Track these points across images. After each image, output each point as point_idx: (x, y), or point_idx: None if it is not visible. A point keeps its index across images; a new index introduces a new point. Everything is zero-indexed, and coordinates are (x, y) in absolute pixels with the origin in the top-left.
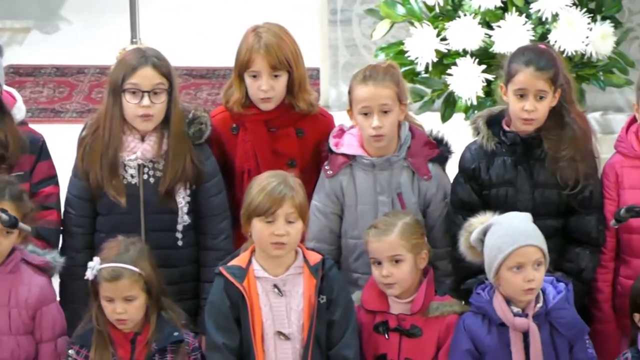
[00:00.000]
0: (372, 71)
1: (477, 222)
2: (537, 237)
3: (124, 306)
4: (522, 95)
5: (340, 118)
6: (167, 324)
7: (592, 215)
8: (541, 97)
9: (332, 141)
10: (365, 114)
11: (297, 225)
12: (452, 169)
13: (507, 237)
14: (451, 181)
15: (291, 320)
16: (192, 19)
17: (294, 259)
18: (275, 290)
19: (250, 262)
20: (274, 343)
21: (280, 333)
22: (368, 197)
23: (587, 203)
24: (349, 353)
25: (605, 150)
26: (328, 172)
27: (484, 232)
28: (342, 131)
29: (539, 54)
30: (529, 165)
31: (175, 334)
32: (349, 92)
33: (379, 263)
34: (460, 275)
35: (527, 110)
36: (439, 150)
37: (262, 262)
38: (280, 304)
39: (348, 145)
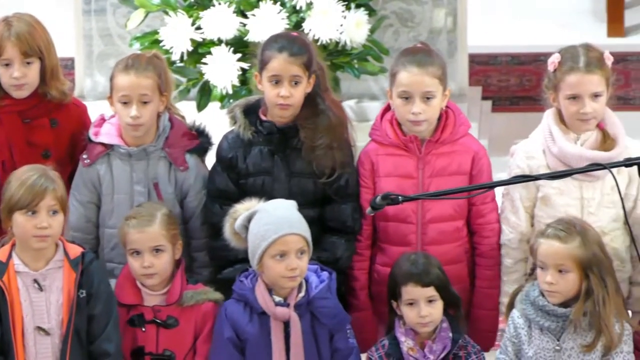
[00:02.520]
0: (135, 60)
1: (242, 208)
2: (301, 226)
3: None
4: (277, 81)
5: (95, 108)
6: None
7: (347, 204)
8: (296, 83)
9: (92, 130)
10: (125, 103)
11: (59, 218)
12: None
13: (271, 224)
14: None
15: (51, 315)
16: None
17: (54, 253)
18: (35, 285)
19: (10, 256)
20: (33, 338)
21: (39, 328)
22: (124, 186)
23: (342, 191)
24: (110, 347)
25: (360, 138)
26: (85, 161)
27: (249, 219)
28: (102, 120)
29: (291, 40)
30: (285, 155)
31: None
32: (111, 80)
33: (138, 253)
34: (217, 266)
35: (282, 96)
36: (199, 141)
37: (22, 256)
38: (40, 298)
39: (106, 134)
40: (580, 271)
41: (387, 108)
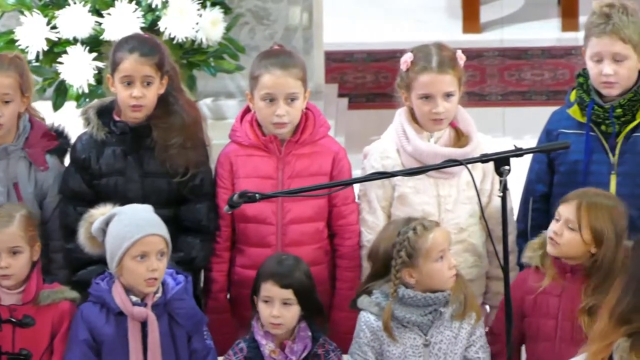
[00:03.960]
0: None
1: (98, 212)
2: (161, 228)
3: None
4: (129, 82)
5: None
6: None
7: (202, 203)
8: (148, 83)
9: None
10: None
11: None
12: None
13: (132, 225)
14: None
15: None
16: None
17: None
18: None
19: None
20: None
21: None
22: None
23: (197, 191)
24: None
25: (217, 135)
26: None
27: (107, 222)
28: None
29: (142, 41)
30: (139, 155)
31: None
32: None
33: None
34: (73, 268)
35: (134, 96)
36: (58, 142)
37: None
38: None
39: None
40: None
41: (247, 109)
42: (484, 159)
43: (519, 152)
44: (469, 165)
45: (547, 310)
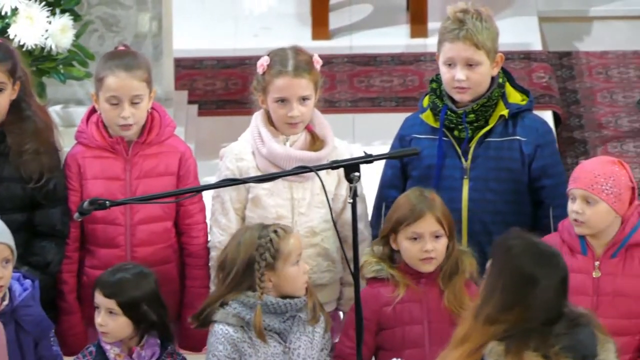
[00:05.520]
0: None
1: None
2: (6, 235)
3: None
4: None
5: None
6: None
7: (56, 208)
8: (0, 90)
9: None
10: None
11: None
12: None
13: None
14: None
15: None
16: None
17: None
18: None
19: None
20: None
21: None
22: None
23: (51, 196)
24: None
25: (67, 142)
26: None
27: None
28: None
29: None
30: None
31: None
32: None
33: None
34: None
35: None
36: None
37: None
38: None
39: None
40: None
41: (93, 110)
42: (334, 165)
43: (368, 159)
44: (324, 170)
45: (411, 316)
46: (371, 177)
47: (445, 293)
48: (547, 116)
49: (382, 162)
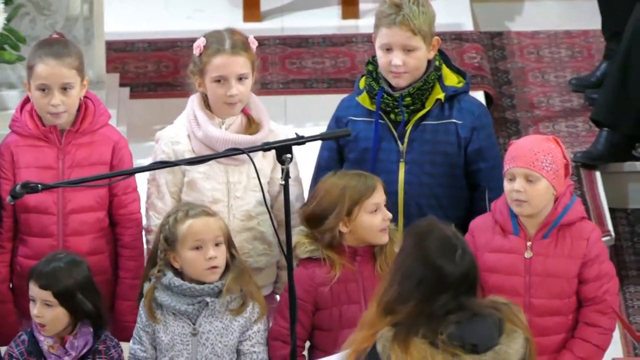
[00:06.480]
0: None
1: None
2: None
3: None
4: None
5: None
6: None
7: None
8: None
9: None
10: None
11: None
12: None
13: None
14: None
15: None
16: None
17: None
18: None
19: None
20: None
21: None
22: None
23: None
24: None
25: (0, 126)
26: None
27: None
28: None
29: None
30: None
31: None
32: None
33: None
34: None
35: None
36: None
37: None
38: None
39: None
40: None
41: (27, 99)
42: (265, 147)
43: (300, 140)
44: (259, 154)
45: (348, 296)
46: (307, 160)
47: (377, 262)
48: (479, 96)
49: (319, 145)
